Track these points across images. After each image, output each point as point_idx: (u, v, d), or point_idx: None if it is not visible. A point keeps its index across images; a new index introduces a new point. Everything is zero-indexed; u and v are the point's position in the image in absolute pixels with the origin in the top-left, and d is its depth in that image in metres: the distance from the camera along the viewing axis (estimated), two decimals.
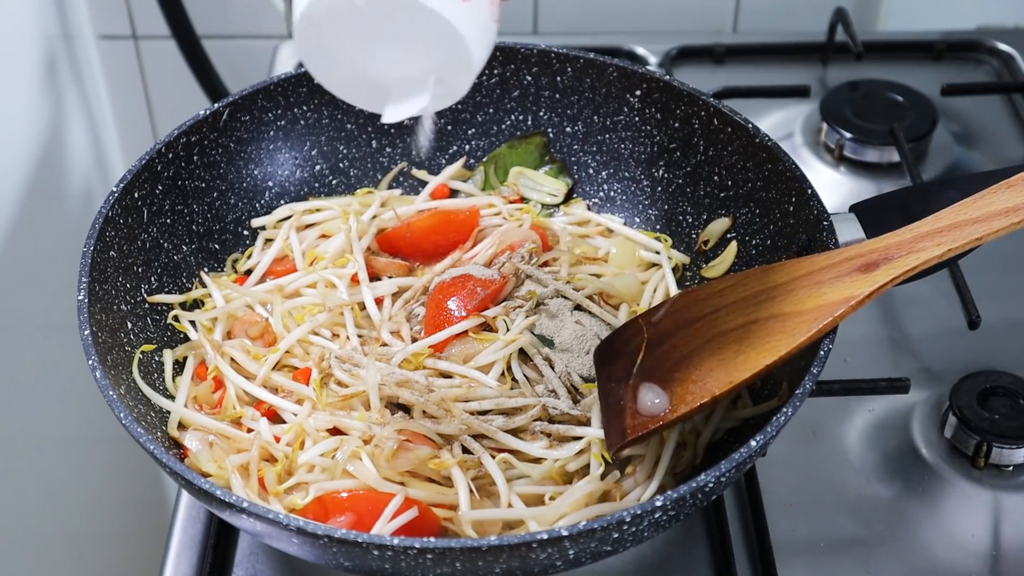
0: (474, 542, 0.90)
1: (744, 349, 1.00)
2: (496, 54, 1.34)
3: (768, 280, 1.03)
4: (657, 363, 1.05)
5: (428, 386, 1.11)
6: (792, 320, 0.99)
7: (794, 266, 1.03)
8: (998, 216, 0.97)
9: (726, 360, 1.01)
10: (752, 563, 1.16)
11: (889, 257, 0.99)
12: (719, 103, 1.25)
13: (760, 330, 1.00)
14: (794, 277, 1.02)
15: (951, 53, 1.75)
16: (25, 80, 1.73)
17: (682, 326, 1.05)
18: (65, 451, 1.84)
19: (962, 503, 1.21)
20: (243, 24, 1.98)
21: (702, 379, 1.01)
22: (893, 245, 1.00)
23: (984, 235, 0.97)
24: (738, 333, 1.01)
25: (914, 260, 0.98)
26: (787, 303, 1.00)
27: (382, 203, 1.31)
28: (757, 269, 1.06)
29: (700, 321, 1.04)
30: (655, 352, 1.06)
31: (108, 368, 1.05)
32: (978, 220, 0.97)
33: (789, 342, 0.98)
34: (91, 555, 1.94)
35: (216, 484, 0.95)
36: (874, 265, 0.99)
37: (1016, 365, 1.30)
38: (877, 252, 1.00)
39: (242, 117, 1.30)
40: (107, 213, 1.14)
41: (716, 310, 1.04)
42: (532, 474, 1.07)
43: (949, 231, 0.98)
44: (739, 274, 1.06)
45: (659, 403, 1.03)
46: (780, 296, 1.01)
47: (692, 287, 1.09)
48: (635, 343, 1.07)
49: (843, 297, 0.98)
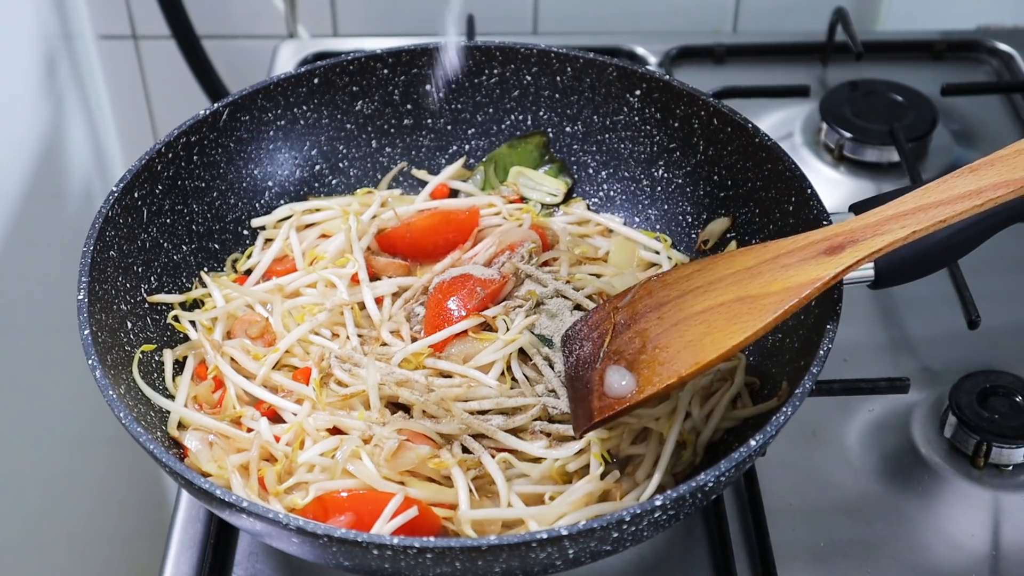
0: (474, 541, 0.90)
1: (711, 331, 1.01)
2: (496, 54, 1.34)
3: (735, 264, 1.04)
4: (624, 346, 1.06)
5: (428, 386, 1.11)
6: (759, 302, 1.00)
7: (760, 250, 1.03)
8: (961, 199, 0.98)
9: (693, 342, 1.01)
10: (752, 563, 1.16)
11: (854, 240, 1.00)
12: (719, 103, 1.25)
13: (727, 312, 1.01)
14: (761, 261, 1.03)
15: (951, 53, 1.75)
16: (25, 80, 1.73)
17: (650, 310, 1.06)
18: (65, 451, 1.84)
19: (962, 503, 1.21)
20: (243, 24, 1.98)
21: (670, 361, 1.02)
22: (859, 228, 1.00)
23: (948, 217, 0.98)
24: (705, 316, 1.02)
25: (879, 242, 0.99)
26: (754, 286, 1.01)
27: (382, 203, 1.31)
28: (724, 254, 1.07)
29: (667, 305, 1.05)
30: (622, 336, 1.06)
31: (108, 368, 1.05)
32: (942, 203, 0.98)
33: (756, 323, 0.99)
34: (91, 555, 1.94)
35: (216, 484, 0.95)
36: (839, 248, 1.00)
37: (1016, 365, 1.30)
38: (843, 235, 1.01)
39: (242, 117, 1.30)
40: (107, 213, 1.14)
41: (683, 294, 1.05)
42: (532, 474, 1.07)
43: (914, 214, 0.99)
44: (706, 259, 1.07)
45: (626, 385, 1.03)
46: (747, 279, 1.02)
47: (660, 272, 1.10)
48: (603, 328, 1.08)
49: (809, 279, 0.99)
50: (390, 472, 1.06)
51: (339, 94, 1.34)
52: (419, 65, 1.35)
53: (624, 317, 1.07)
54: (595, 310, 1.11)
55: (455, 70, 1.33)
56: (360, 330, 1.19)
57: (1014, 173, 0.98)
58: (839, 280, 1.01)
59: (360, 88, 1.34)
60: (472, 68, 1.35)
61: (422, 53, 1.34)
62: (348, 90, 1.34)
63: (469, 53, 1.34)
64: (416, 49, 1.34)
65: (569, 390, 1.10)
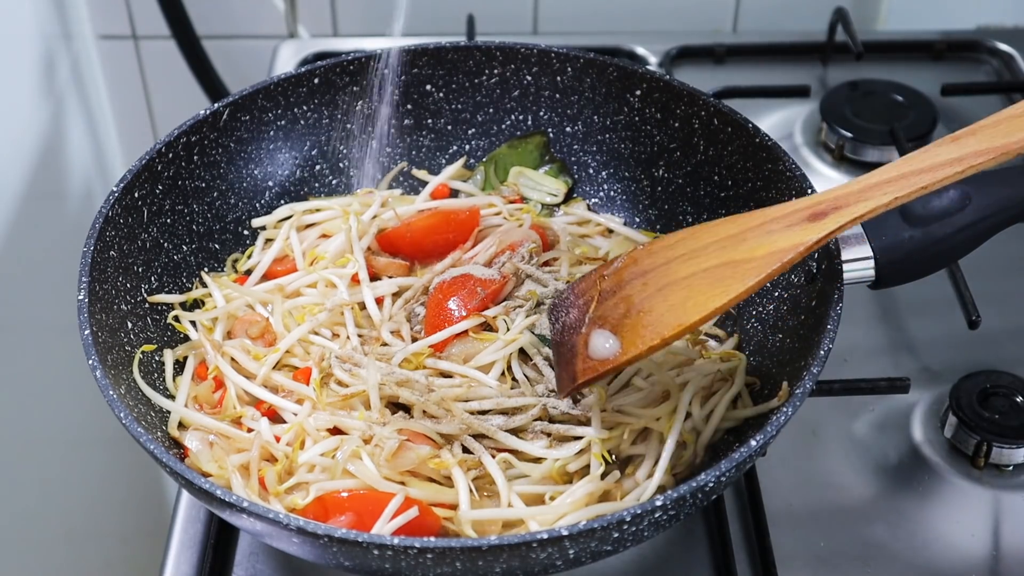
0: (474, 542, 0.90)
1: (694, 294, 1.02)
2: (496, 54, 1.34)
3: (721, 231, 1.05)
4: (609, 311, 1.07)
5: (428, 386, 1.11)
6: (742, 266, 1.01)
7: (746, 218, 1.05)
8: (943, 166, 1.00)
9: (676, 305, 1.03)
10: (752, 563, 1.16)
11: (838, 207, 1.01)
12: (719, 103, 1.25)
13: (711, 276, 1.03)
14: (746, 228, 1.04)
15: (951, 53, 1.75)
16: (25, 80, 1.73)
17: (635, 277, 1.08)
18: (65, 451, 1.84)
19: (962, 503, 1.21)
20: (243, 24, 1.98)
21: (653, 324, 1.03)
22: (842, 195, 1.02)
23: (929, 184, 1.00)
24: (689, 280, 1.04)
25: (862, 208, 1.00)
26: (738, 251, 1.03)
27: (382, 203, 1.31)
28: (709, 223, 1.08)
29: (652, 272, 1.07)
30: (607, 302, 1.08)
31: (108, 368, 1.05)
32: (924, 170, 1.00)
33: (739, 286, 1.01)
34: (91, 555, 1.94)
35: (216, 484, 0.95)
36: (823, 214, 1.02)
37: (1016, 365, 1.30)
38: (826, 203, 1.02)
39: (242, 117, 1.30)
40: (107, 213, 1.14)
41: (669, 261, 1.06)
42: (532, 474, 1.07)
43: (896, 181, 1.01)
44: (690, 228, 1.08)
45: (610, 347, 1.05)
46: (732, 246, 1.04)
47: (647, 242, 1.11)
48: (589, 295, 1.10)
49: (792, 244, 1.01)
50: (390, 472, 1.06)
51: (339, 94, 1.34)
52: (419, 65, 1.35)
53: (610, 284, 1.09)
54: (582, 278, 1.13)
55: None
56: (360, 330, 1.19)
57: (993, 141, 1.00)
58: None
59: (360, 88, 1.34)
60: (472, 68, 1.35)
61: (422, 53, 1.34)
62: (348, 90, 1.34)
63: (469, 53, 1.35)
64: (416, 49, 1.34)
65: (555, 355, 1.11)
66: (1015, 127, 1.00)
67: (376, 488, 1.04)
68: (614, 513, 0.91)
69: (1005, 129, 1.01)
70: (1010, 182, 1.10)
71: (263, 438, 1.09)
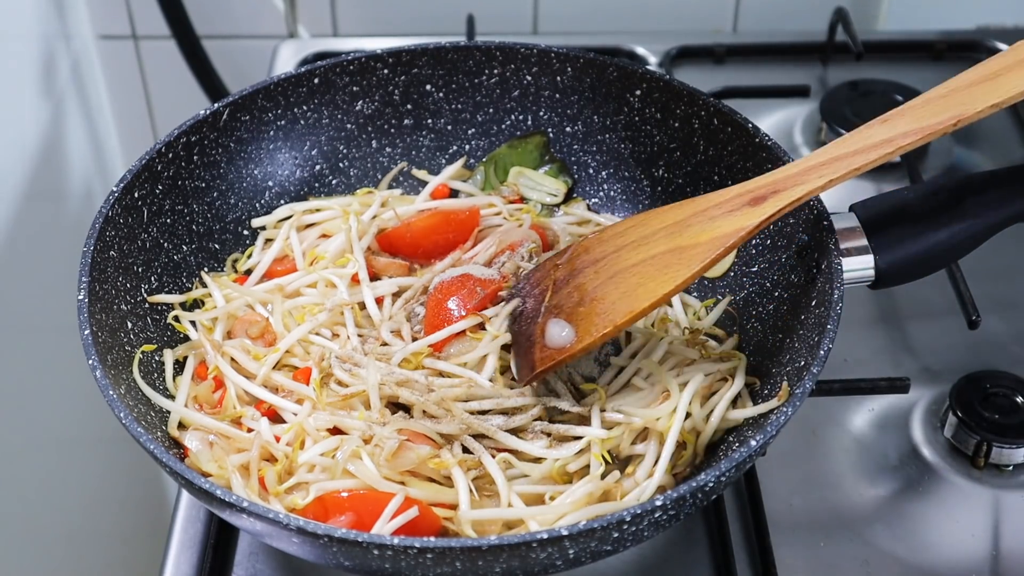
0: (474, 541, 0.90)
1: (644, 281, 1.07)
2: (496, 54, 1.34)
3: (667, 218, 1.09)
4: (564, 300, 1.11)
5: (428, 386, 1.11)
6: (688, 252, 1.06)
7: (690, 204, 1.09)
8: (874, 148, 1.03)
9: (628, 292, 1.07)
10: (752, 563, 1.16)
11: (776, 190, 1.05)
12: (719, 103, 1.25)
13: (658, 263, 1.07)
14: (691, 214, 1.08)
15: (951, 53, 1.75)
16: (25, 80, 1.73)
17: (587, 265, 1.12)
18: (65, 451, 1.84)
19: (962, 503, 1.21)
20: (243, 24, 1.98)
21: (606, 312, 1.07)
22: (780, 179, 1.06)
23: (862, 165, 1.03)
24: (639, 268, 1.08)
25: (799, 191, 1.04)
26: (684, 237, 1.07)
27: (382, 203, 1.31)
28: (657, 209, 1.11)
29: (604, 260, 1.11)
30: (562, 291, 1.12)
31: (108, 368, 1.05)
32: (856, 152, 1.04)
33: (685, 272, 1.05)
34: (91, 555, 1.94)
35: (216, 484, 0.95)
36: (762, 199, 1.06)
37: (1016, 365, 1.30)
38: (765, 187, 1.06)
39: (242, 117, 1.30)
40: (107, 213, 1.14)
41: (619, 249, 1.10)
42: (532, 474, 1.07)
43: (830, 164, 1.05)
44: (640, 215, 1.12)
45: (566, 336, 1.09)
46: (678, 232, 1.08)
47: (594, 231, 1.17)
48: (543, 285, 1.13)
49: (734, 229, 1.05)
50: (390, 472, 1.06)
51: (339, 94, 1.34)
52: (419, 65, 1.35)
53: (563, 274, 1.13)
54: (535, 269, 1.16)
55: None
56: (360, 330, 1.19)
57: (921, 121, 1.03)
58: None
59: (360, 88, 1.35)
60: (472, 68, 1.35)
61: (422, 53, 1.34)
62: (348, 90, 1.34)
63: (469, 53, 1.35)
64: (416, 49, 1.34)
65: (513, 345, 1.13)
66: (941, 107, 1.04)
67: (376, 488, 1.04)
68: (614, 513, 0.91)
69: (932, 109, 1.04)
70: (1009, 182, 1.10)
71: (263, 438, 1.09)
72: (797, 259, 1.15)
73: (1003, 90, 1.03)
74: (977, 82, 1.05)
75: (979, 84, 1.05)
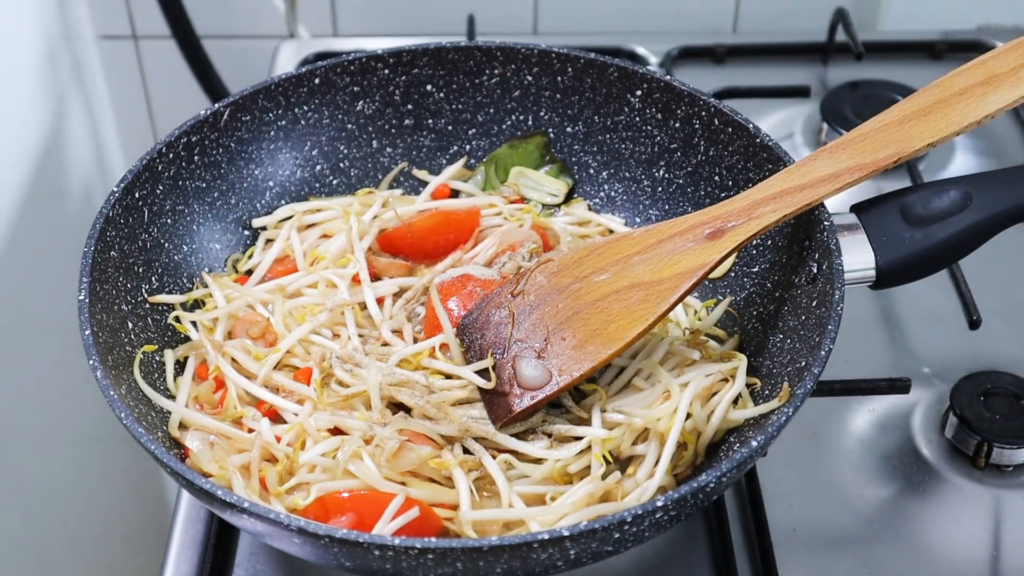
0: (475, 542, 0.90)
1: (614, 318, 1.07)
2: (496, 54, 1.34)
3: (622, 250, 1.10)
4: (529, 335, 1.11)
5: (428, 386, 1.11)
6: (654, 288, 1.07)
7: (643, 236, 1.10)
8: (821, 183, 1.07)
9: (598, 330, 1.07)
10: (752, 563, 1.16)
11: (734, 225, 1.07)
12: (720, 103, 1.25)
13: (625, 299, 1.08)
14: (647, 246, 1.09)
15: (951, 53, 1.75)
16: (25, 80, 1.73)
17: (548, 296, 1.11)
18: (65, 451, 1.84)
19: (962, 503, 1.21)
20: (243, 24, 1.98)
21: (580, 347, 1.08)
22: (733, 212, 1.08)
23: (811, 200, 1.07)
24: (604, 303, 1.08)
25: (755, 226, 1.07)
26: (645, 272, 1.08)
27: (383, 203, 1.31)
28: (609, 239, 1.13)
29: (564, 293, 1.11)
30: (523, 324, 1.11)
31: (109, 368, 1.05)
32: (805, 187, 1.07)
33: (656, 309, 1.06)
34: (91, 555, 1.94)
35: (217, 484, 0.95)
36: (720, 232, 1.07)
37: (1016, 365, 1.30)
38: (720, 219, 1.08)
39: (242, 117, 1.30)
40: (108, 213, 1.14)
41: (578, 280, 1.11)
42: (533, 474, 1.07)
43: (781, 197, 1.07)
44: (592, 244, 1.13)
45: (540, 376, 1.08)
46: (637, 265, 1.09)
47: (546, 256, 1.17)
48: (499, 316, 1.13)
49: (697, 264, 1.07)
50: (391, 473, 1.06)
51: (340, 94, 1.34)
52: (420, 65, 1.35)
53: (523, 306, 1.12)
54: (488, 299, 1.15)
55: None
56: (361, 330, 1.19)
57: (863, 157, 1.07)
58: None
59: (361, 88, 1.34)
60: (473, 68, 1.35)
61: (423, 53, 1.34)
62: (349, 90, 1.34)
63: (470, 53, 1.35)
64: (417, 49, 1.34)
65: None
66: (881, 142, 1.07)
67: (377, 488, 1.04)
68: (615, 514, 0.91)
69: (873, 144, 1.07)
70: (1010, 182, 1.10)
71: (264, 438, 1.09)
72: (798, 260, 1.15)
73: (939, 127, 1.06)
74: (912, 117, 1.08)
75: (914, 119, 1.07)
